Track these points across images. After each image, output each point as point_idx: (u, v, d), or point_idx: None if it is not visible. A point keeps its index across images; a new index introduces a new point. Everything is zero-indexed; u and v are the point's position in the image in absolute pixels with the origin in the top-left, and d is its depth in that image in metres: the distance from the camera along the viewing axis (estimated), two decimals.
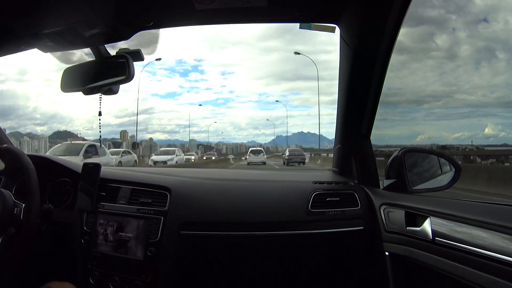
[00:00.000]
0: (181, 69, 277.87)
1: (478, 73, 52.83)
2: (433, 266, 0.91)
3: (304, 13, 1.03)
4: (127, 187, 1.23)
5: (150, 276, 1.12)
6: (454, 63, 46.57)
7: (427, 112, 34.39)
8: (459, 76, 49.30)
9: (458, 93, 42.38)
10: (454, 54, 48.39)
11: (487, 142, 43.05)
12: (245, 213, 1.19)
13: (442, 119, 37.25)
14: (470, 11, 51.93)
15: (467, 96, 44.75)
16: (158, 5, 0.94)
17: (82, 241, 1.17)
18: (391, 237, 1.08)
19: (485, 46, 57.19)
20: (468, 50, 51.14)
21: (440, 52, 45.32)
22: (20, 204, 0.99)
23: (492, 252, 0.74)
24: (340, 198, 1.24)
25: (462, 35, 51.78)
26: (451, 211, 0.89)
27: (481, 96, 46.21)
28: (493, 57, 72.15)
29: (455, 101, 41.96)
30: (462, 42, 50.82)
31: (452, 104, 40.76)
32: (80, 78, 1.03)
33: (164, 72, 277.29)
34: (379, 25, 1.00)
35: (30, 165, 1.02)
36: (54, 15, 0.85)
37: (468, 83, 48.18)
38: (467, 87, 45.55)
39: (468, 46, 49.94)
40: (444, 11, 45.24)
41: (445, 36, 46.15)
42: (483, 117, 40.87)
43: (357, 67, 1.15)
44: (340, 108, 1.31)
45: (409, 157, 1.24)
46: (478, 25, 56.61)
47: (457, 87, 44.26)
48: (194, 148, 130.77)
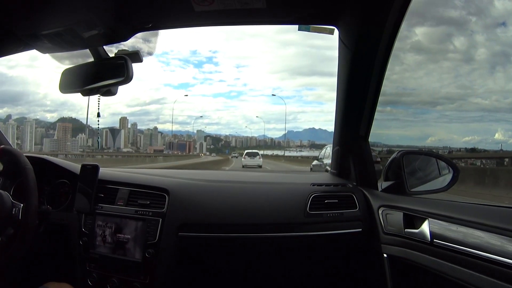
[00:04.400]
0: (195, 60, 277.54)
1: (493, 78, 52.69)
2: (431, 268, 0.91)
3: (302, 15, 1.03)
4: (125, 189, 1.23)
5: (148, 278, 1.12)
6: (470, 66, 46.56)
7: (439, 114, 34.56)
8: (474, 80, 49.53)
9: (472, 97, 42.52)
10: (470, 57, 48.57)
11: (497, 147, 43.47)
12: (244, 215, 1.19)
13: (453, 122, 37.41)
14: (490, 14, 51.61)
15: (481, 100, 44.65)
16: (157, 7, 0.94)
17: (80, 243, 1.17)
18: (390, 239, 1.08)
19: (502, 51, 57.10)
20: (485, 54, 51.01)
21: (457, 54, 45.38)
22: (18, 205, 0.99)
23: (490, 254, 0.75)
24: (338, 200, 1.24)
25: (480, 38, 51.53)
26: (449, 213, 0.89)
27: (494, 101, 46.16)
28: (509, 62, 71.53)
29: (468, 104, 42.03)
30: (479, 45, 50.72)
31: (465, 107, 40.90)
32: (78, 79, 1.03)
33: (178, 62, 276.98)
34: (377, 28, 1.00)
35: (28, 165, 1.02)
36: (53, 16, 0.85)
37: (482, 87, 48.05)
38: (481, 91, 45.54)
39: (485, 49, 49.79)
40: (465, 12, 45.23)
41: (463, 38, 45.96)
42: (494, 122, 41.09)
43: (356, 69, 1.15)
44: (338, 110, 1.32)
45: (408, 159, 1.25)
46: (496, 29, 55.72)
47: (472, 90, 44.23)
48: (201, 139, 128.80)
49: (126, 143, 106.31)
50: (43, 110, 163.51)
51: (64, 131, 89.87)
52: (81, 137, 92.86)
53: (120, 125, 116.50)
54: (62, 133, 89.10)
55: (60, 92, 1.04)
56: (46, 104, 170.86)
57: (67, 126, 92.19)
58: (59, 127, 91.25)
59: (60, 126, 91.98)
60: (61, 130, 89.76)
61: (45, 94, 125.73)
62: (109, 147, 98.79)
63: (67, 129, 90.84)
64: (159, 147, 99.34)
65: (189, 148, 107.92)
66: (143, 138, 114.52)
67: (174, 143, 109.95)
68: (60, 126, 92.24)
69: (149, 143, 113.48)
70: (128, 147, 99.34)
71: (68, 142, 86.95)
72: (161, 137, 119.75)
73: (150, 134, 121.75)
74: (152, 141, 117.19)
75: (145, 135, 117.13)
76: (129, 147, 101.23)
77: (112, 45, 1.02)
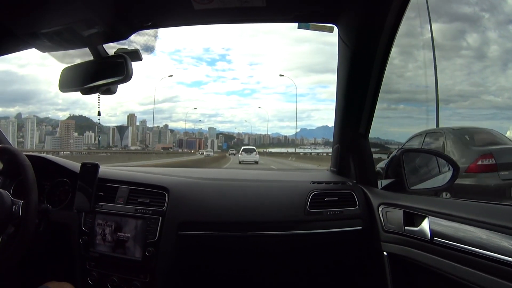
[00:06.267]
0: (208, 57, 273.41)
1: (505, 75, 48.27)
2: (431, 266, 0.91)
3: (302, 13, 1.03)
4: (125, 187, 1.23)
5: (149, 276, 1.12)
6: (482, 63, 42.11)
7: (452, 112, 32.29)
8: (486, 77, 45.18)
9: (485, 94, 39.22)
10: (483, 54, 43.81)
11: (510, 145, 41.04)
12: (243, 213, 1.19)
13: (466, 119, 34.92)
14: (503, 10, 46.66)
15: (493, 98, 41.44)
16: (156, 5, 0.94)
17: (80, 241, 1.17)
18: (389, 237, 1.09)
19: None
20: (497, 51, 46.41)
21: (470, 51, 41.35)
22: (18, 202, 0.99)
23: (490, 252, 0.75)
24: (338, 198, 1.24)
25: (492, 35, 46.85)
26: (449, 211, 0.90)
27: (507, 99, 43.02)
28: None
29: (481, 102, 38.74)
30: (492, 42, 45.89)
31: (478, 105, 37.64)
32: (78, 78, 1.03)
33: (191, 60, 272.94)
34: (377, 26, 1.00)
35: (26, 161, 1.02)
36: (52, 14, 0.84)
37: (495, 84, 44.21)
38: (494, 89, 41.88)
39: (497, 46, 45.39)
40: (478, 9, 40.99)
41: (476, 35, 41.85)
42: (506, 120, 38.06)
43: (356, 67, 1.15)
44: (338, 108, 1.32)
45: (408, 156, 1.25)
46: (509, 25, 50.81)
47: (484, 88, 40.77)
48: (213, 137, 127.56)
49: (134, 140, 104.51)
50: (55, 109, 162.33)
51: (67, 128, 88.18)
52: (88, 135, 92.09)
53: (128, 122, 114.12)
54: (64, 130, 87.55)
55: (60, 91, 1.04)
56: (58, 103, 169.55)
57: (70, 123, 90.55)
58: (62, 124, 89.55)
59: (63, 123, 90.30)
60: (64, 127, 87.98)
61: (56, 93, 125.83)
62: (116, 145, 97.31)
63: (70, 126, 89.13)
64: (167, 145, 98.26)
65: (199, 146, 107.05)
66: (152, 135, 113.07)
67: (183, 141, 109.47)
68: (63, 123, 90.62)
69: (158, 140, 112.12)
70: (137, 145, 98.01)
71: (71, 139, 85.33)
72: (172, 135, 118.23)
73: (159, 132, 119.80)
74: (161, 138, 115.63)
75: (154, 133, 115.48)
76: (138, 144, 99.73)
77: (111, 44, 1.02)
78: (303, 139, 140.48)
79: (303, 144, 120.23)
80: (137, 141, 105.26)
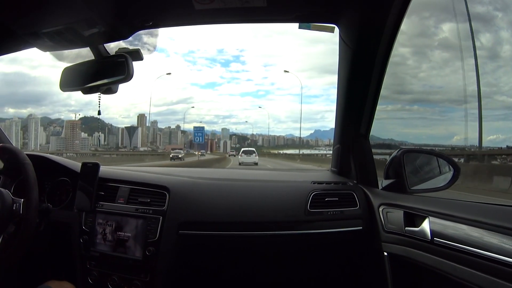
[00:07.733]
0: (222, 59, 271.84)
1: None
2: (432, 266, 0.91)
3: (303, 13, 1.03)
4: (126, 187, 1.23)
5: (149, 276, 1.12)
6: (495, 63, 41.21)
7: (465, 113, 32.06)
8: (499, 77, 44.19)
9: (498, 94, 38.48)
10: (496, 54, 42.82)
11: None
12: (244, 213, 1.19)
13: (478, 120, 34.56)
14: None
15: (506, 98, 40.71)
16: (157, 5, 0.94)
17: (81, 241, 1.17)
18: (390, 237, 1.09)
19: None
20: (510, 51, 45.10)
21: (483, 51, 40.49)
22: (19, 200, 0.99)
23: (491, 253, 0.75)
24: (339, 198, 1.24)
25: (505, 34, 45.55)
26: (450, 212, 0.89)
27: None
28: None
29: (494, 102, 37.98)
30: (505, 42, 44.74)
31: (491, 106, 36.98)
32: (79, 78, 1.03)
33: (204, 61, 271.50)
34: (378, 26, 1.00)
35: (27, 160, 1.02)
36: (53, 14, 0.84)
37: (507, 84, 43.24)
38: (506, 89, 41.05)
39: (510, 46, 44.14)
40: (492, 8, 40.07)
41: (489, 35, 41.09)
42: None
43: (356, 68, 1.15)
44: (339, 108, 1.32)
45: (408, 157, 1.24)
46: None
47: (497, 88, 39.83)
48: (227, 138, 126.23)
49: (144, 141, 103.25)
50: (67, 110, 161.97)
51: (72, 128, 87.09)
52: (96, 136, 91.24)
53: (138, 122, 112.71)
54: (69, 131, 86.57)
55: (61, 90, 1.04)
56: (71, 104, 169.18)
57: (75, 123, 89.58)
58: (67, 124, 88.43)
59: (68, 123, 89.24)
60: (69, 128, 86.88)
61: (69, 94, 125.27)
62: (125, 146, 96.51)
63: (75, 126, 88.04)
64: (178, 146, 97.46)
65: (211, 147, 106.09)
66: (162, 136, 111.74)
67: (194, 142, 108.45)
68: (68, 123, 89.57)
69: (168, 141, 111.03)
70: (147, 146, 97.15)
71: (76, 140, 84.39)
72: (183, 136, 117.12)
73: (170, 132, 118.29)
74: (172, 139, 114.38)
75: (164, 133, 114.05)
76: (148, 145, 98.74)
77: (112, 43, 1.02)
78: (317, 140, 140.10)
79: (318, 145, 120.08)
80: (147, 142, 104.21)
